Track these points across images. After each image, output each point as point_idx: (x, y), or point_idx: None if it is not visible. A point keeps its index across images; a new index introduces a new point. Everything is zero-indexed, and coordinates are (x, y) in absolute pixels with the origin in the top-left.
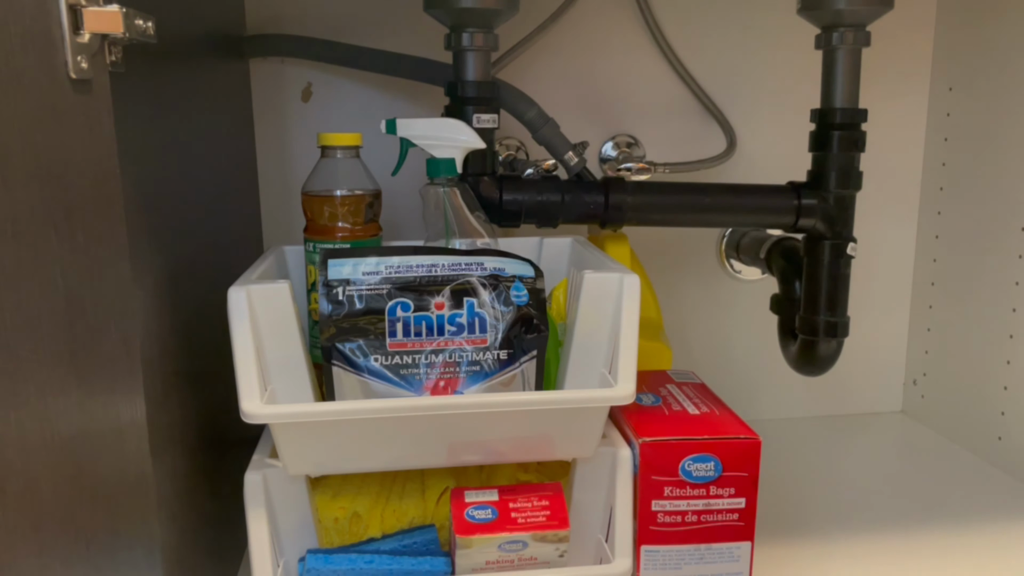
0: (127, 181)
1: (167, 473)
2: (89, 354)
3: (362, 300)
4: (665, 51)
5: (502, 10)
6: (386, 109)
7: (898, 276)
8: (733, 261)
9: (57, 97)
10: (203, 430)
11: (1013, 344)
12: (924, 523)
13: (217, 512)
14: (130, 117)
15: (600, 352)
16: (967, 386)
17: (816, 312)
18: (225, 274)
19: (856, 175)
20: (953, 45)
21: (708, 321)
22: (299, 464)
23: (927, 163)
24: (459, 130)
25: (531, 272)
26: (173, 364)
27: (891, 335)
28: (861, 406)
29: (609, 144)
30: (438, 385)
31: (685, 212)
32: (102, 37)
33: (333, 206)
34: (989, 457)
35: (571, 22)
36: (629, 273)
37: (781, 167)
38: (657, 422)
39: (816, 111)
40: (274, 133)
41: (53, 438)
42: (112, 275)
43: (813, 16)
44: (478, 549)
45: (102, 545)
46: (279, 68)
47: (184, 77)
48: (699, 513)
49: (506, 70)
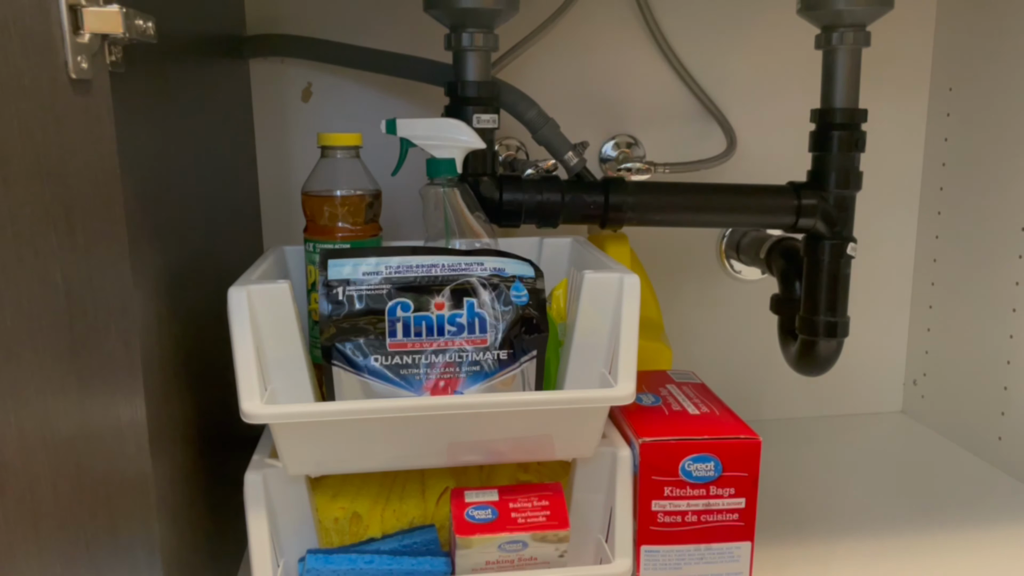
0: (127, 181)
1: (167, 473)
2: (89, 354)
3: (362, 300)
4: (665, 51)
5: (502, 10)
6: (386, 109)
7: (898, 276)
8: (733, 261)
9: (57, 97)
10: (203, 430)
11: (1013, 344)
12: (924, 523)
13: (217, 512)
14: (130, 117)
15: (600, 352)
16: (967, 386)
17: (816, 312)
18: (225, 274)
19: (856, 175)
20: (953, 45)
21: (708, 321)
22: (299, 464)
23: (927, 163)
24: (459, 130)
25: (531, 272)
26: (173, 364)
27: (891, 335)
28: (861, 406)
29: (609, 144)
30: (438, 385)
31: (685, 212)
32: (102, 37)
33: (333, 206)
34: (989, 457)
35: (571, 22)
36: (629, 273)
37: (781, 167)
38: (657, 422)
39: (816, 111)
40: (274, 133)
41: (53, 438)
42: (112, 275)
43: (813, 16)
44: (478, 549)
45: (102, 545)
46: (279, 68)
47: (184, 77)
48: (699, 513)
49: (506, 70)
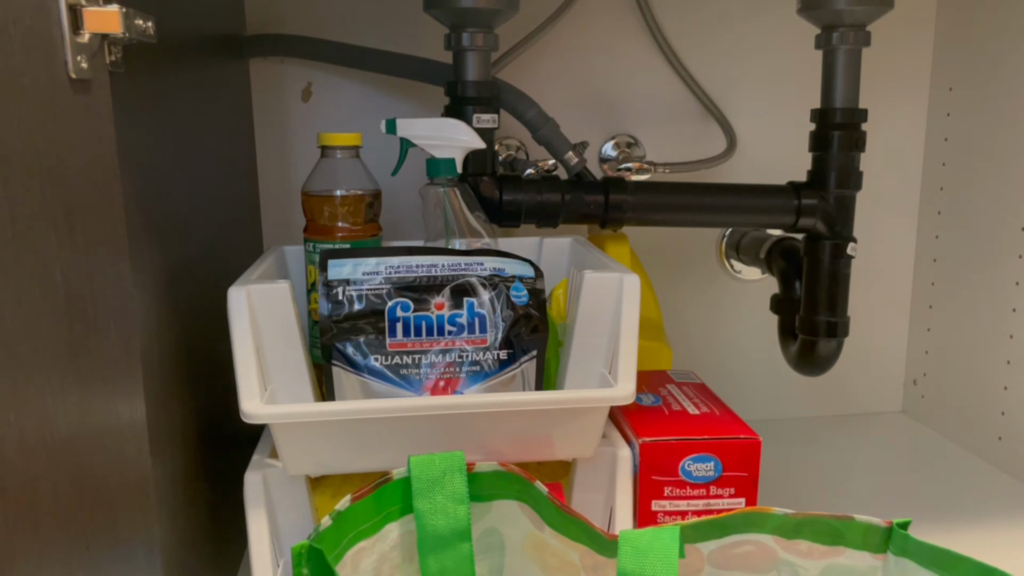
0: (127, 181)
1: (167, 473)
2: (89, 354)
3: (362, 300)
4: (665, 51)
5: (502, 10)
6: (386, 109)
7: (898, 276)
8: (733, 261)
9: (57, 97)
10: (203, 430)
11: (1013, 344)
12: (924, 523)
13: (217, 512)
14: (130, 117)
15: (600, 352)
16: (967, 386)
17: (816, 312)
18: (225, 274)
19: (856, 175)
20: (953, 45)
21: (708, 321)
22: (299, 464)
23: (927, 163)
24: (459, 130)
25: (531, 272)
26: (173, 364)
27: (891, 335)
28: (861, 406)
29: (609, 144)
30: (438, 385)
31: (685, 212)
32: (102, 37)
33: (333, 206)
34: (989, 457)
35: (571, 22)
36: (629, 273)
37: (781, 167)
38: (657, 422)
39: (816, 111)
40: (274, 133)
41: (53, 438)
42: (112, 275)
43: (813, 16)
44: None
45: (102, 545)
46: (279, 68)
47: (184, 77)
48: (699, 513)
49: (506, 70)
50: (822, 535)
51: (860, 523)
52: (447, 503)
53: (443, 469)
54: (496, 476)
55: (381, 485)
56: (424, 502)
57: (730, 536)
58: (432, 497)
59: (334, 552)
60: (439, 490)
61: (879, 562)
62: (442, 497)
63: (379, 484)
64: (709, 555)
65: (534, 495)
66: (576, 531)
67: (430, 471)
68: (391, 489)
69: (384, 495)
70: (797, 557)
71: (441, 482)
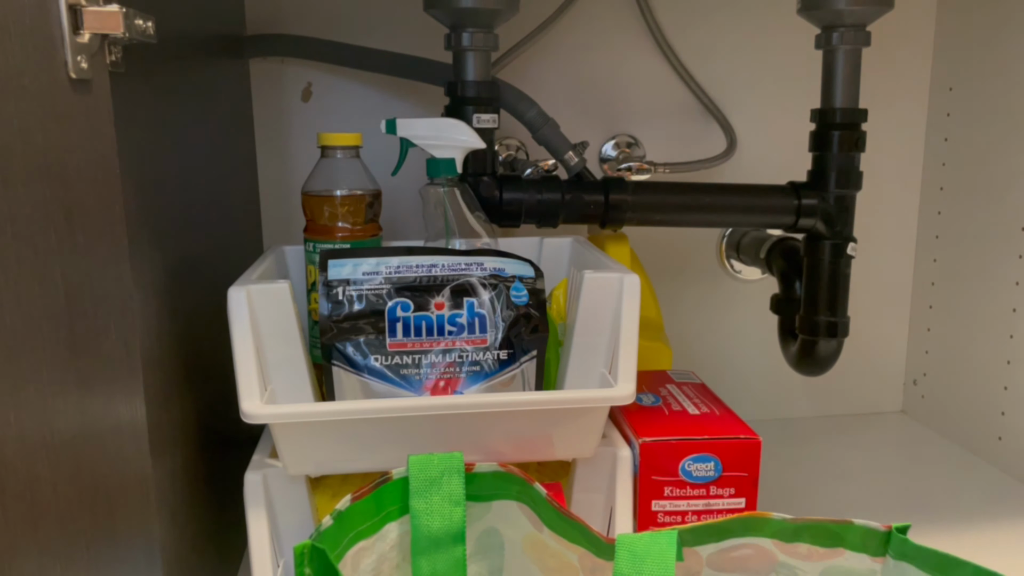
0: (127, 181)
1: (167, 473)
2: (89, 354)
3: (362, 300)
4: (665, 51)
5: (502, 10)
6: (386, 109)
7: (898, 276)
8: (733, 261)
9: (57, 97)
10: (203, 430)
11: (1013, 344)
12: (924, 523)
13: (217, 512)
14: (130, 117)
15: (600, 352)
16: (967, 386)
17: (816, 312)
18: (225, 274)
19: (856, 175)
20: (953, 45)
21: (708, 321)
22: (299, 464)
23: (927, 163)
24: (459, 130)
25: (531, 272)
26: (173, 364)
27: (891, 335)
28: (861, 406)
29: (609, 144)
30: (438, 385)
31: (685, 212)
32: (102, 37)
33: (333, 206)
34: (989, 457)
35: (571, 22)
36: (629, 273)
37: (781, 167)
38: (657, 422)
39: (816, 111)
40: (274, 133)
41: (53, 438)
42: (112, 275)
43: (813, 16)
44: None
45: (102, 545)
46: (279, 68)
47: (184, 77)
48: (699, 513)
49: (506, 70)
50: (821, 538)
51: (859, 527)
52: (443, 504)
53: (441, 470)
54: (496, 476)
55: (381, 485)
56: (420, 502)
57: (729, 540)
58: (428, 497)
59: (335, 552)
60: (436, 491)
61: (878, 565)
62: (438, 498)
63: (379, 484)
64: (708, 558)
65: (533, 496)
66: (574, 533)
67: (428, 471)
68: (391, 489)
69: (384, 495)
70: (796, 559)
71: (439, 483)
